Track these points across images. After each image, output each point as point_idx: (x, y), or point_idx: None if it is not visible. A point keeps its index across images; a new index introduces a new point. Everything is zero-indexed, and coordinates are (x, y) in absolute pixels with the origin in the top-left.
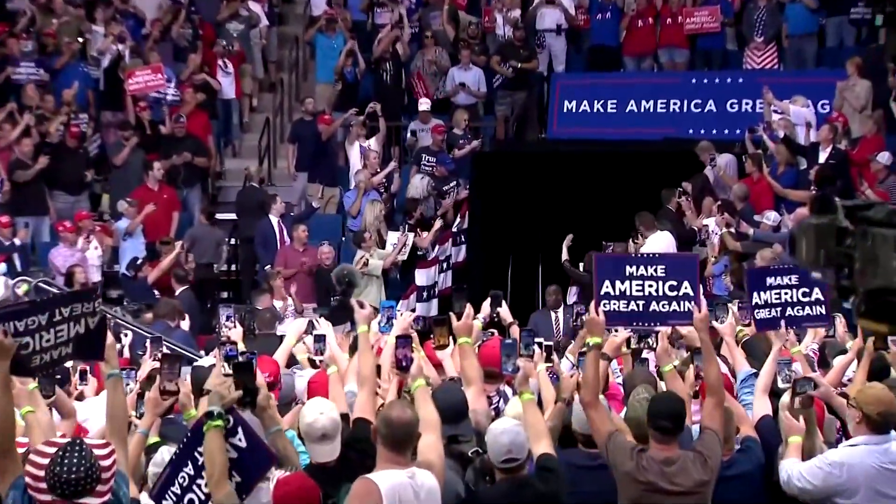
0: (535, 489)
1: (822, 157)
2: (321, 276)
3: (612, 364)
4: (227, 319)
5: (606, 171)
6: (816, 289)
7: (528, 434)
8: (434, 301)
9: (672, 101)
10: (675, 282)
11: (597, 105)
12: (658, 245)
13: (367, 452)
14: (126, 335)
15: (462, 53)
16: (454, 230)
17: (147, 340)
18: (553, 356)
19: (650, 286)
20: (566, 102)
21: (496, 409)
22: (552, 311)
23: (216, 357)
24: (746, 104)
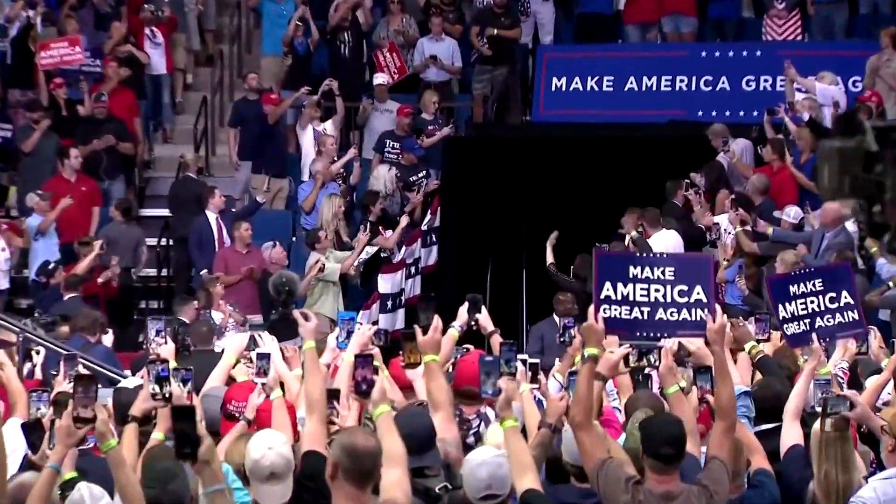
0: None
1: None
2: (269, 284)
3: (608, 385)
4: (157, 334)
5: (601, 161)
6: (844, 292)
7: (511, 466)
8: (400, 311)
9: (678, 79)
10: (686, 286)
11: (590, 82)
12: (664, 246)
13: (322, 492)
14: (38, 352)
15: (433, 22)
16: (423, 228)
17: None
18: (539, 376)
19: (657, 291)
20: (554, 79)
21: (476, 434)
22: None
23: (144, 378)
24: (765, 81)
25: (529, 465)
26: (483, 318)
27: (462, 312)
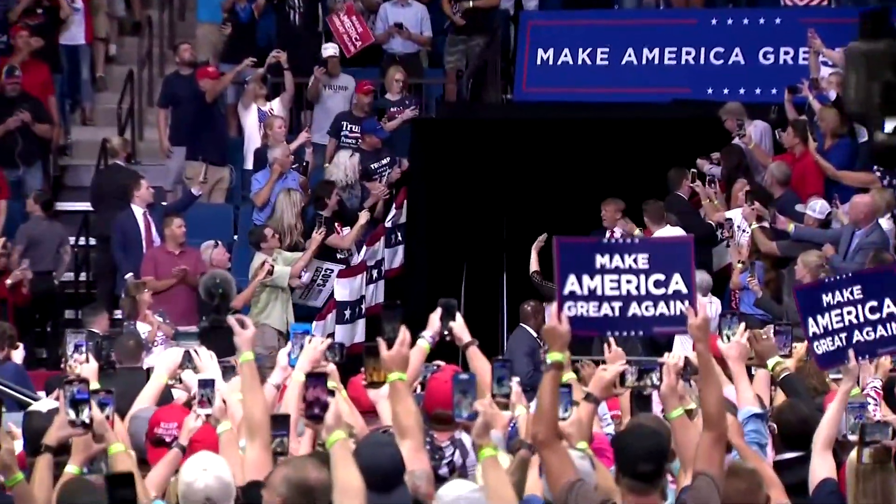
0: None
1: (889, 126)
2: (199, 285)
3: (602, 408)
4: (77, 349)
5: (595, 147)
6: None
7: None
8: (360, 322)
9: (684, 50)
10: (663, 275)
11: (582, 55)
12: None
13: None
14: None
15: None
16: (387, 225)
17: None
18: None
19: (629, 282)
20: (540, 51)
21: (450, 465)
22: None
23: (59, 400)
24: (786, 54)
25: (511, 502)
26: (458, 328)
27: (433, 321)
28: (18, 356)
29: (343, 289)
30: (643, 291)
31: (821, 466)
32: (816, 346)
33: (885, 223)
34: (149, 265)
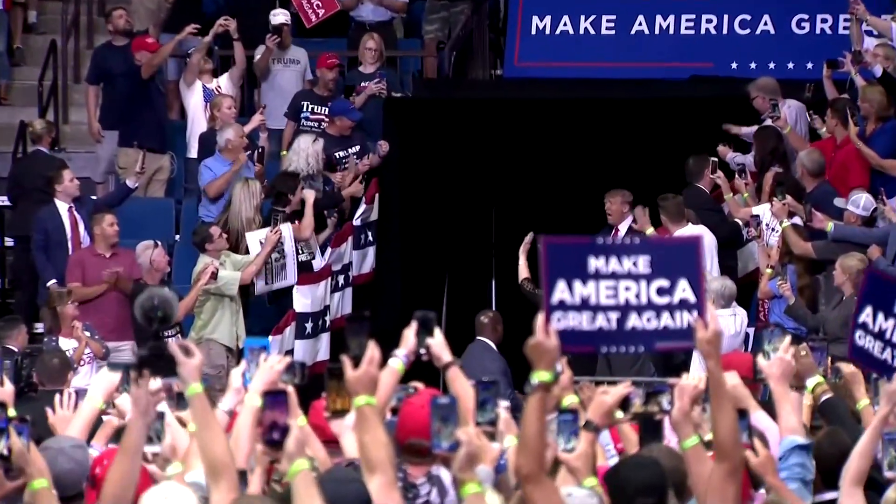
0: None
1: None
2: (134, 307)
3: (604, 436)
4: None
5: (598, 131)
6: None
7: None
8: (324, 337)
9: (704, 18)
10: (668, 281)
11: (584, 23)
12: None
13: None
14: None
15: None
16: (356, 223)
17: None
18: None
19: (627, 289)
20: (535, 19)
21: None
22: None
23: None
24: (823, 23)
25: None
26: (436, 345)
27: (408, 337)
28: None
29: (304, 298)
30: (644, 300)
31: None
32: (858, 336)
33: None
34: (75, 270)
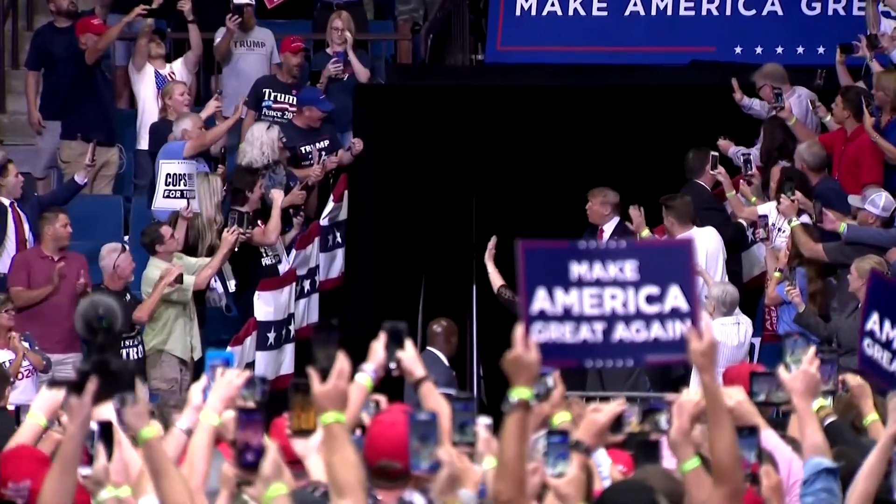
0: None
1: None
2: (76, 317)
3: (599, 455)
4: None
5: (588, 121)
6: None
7: None
8: (288, 348)
9: None
10: (657, 288)
11: (573, 4)
12: (702, 251)
13: None
14: None
15: None
16: (323, 223)
17: None
18: None
19: (613, 297)
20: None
21: None
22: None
23: None
24: (836, 3)
25: None
26: (408, 359)
27: (376, 350)
28: None
29: (266, 305)
30: (632, 309)
31: None
32: (867, 345)
33: None
34: (20, 272)
